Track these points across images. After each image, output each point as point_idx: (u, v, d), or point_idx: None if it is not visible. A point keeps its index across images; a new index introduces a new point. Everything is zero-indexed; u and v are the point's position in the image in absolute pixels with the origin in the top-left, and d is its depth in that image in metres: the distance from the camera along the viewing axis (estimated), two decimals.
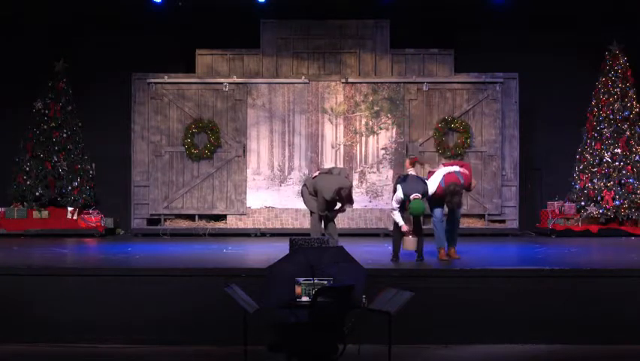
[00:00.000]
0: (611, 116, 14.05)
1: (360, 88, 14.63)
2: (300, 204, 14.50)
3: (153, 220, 14.79)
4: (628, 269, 8.78)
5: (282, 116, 14.63)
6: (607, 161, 13.98)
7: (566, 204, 14.24)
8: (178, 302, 8.36)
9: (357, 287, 6.21)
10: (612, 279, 8.47)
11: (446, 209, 9.74)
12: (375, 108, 14.58)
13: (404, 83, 14.60)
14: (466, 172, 9.72)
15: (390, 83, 14.61)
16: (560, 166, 14.80)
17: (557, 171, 14.91)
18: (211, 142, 14.57)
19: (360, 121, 14.62)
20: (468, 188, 9.85)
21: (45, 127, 14.55)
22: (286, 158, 14.62)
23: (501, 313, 8.26)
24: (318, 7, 14.57)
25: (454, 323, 8.20)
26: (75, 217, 14.46)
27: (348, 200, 10.14)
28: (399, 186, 9.34)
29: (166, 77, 14.65)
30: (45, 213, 14.40)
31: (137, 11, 14.44)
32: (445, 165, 9.99)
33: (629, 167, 13.94)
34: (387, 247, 11.89)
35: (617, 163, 13.95)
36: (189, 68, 14.88)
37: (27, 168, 14.45)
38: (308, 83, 14.62)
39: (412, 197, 9.18)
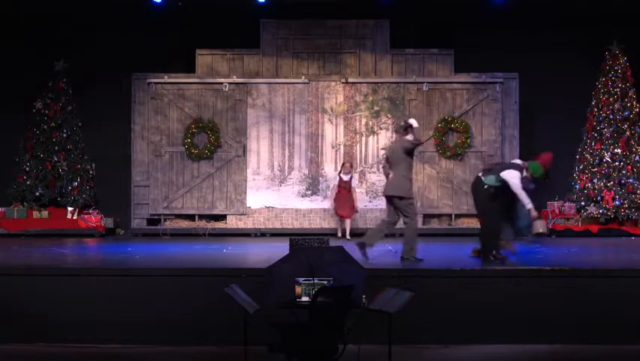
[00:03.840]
0: (611, 116, 14.05)
1: (360, 88, 14.63)
2: (300, 204, 14.57)
3: (153, 220, 14.79)
4: (628, 269, 8.78)
5: (282, 116, 14.64)
6: (607, 161, 13.98)
7: (566, 204, 14.24)
8: (178, 302, 8.35)
9: (357, 287, 6.21)
10: (612, 279, 8.47)
11: None
12: (375, 108, 14.58)
13: (404, 83, 14.60)
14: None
15: (390, 83, 14.61)
16: (560, 166, 14.78)
17: (557, 171, 14.88)
18: (211, 142, 14.56)
19: (360, 121, 14.62)
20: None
21: (45, 127, 14.56)
22: (286, 158, 14.62)
23: (501, 313, 8.25)
24: (318, 7, 14.56)
25: (454, 323, 8.20)
26: (75, 217, 14.46)
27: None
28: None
29: (166, 77, 14.65)
30: (45, 213, 14.40)
31: (137, 11, 14.43)
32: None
33: (629, 167, 13.94)
34: (388, 247, 11.90)
35: (617, 163, 13.95)
36: (189, 68, 14.88)
37: (27, 168, 14.45)
38: (308, 83, 14.62)
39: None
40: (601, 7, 14.21)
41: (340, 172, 13.79)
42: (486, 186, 9.34)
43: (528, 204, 9.21)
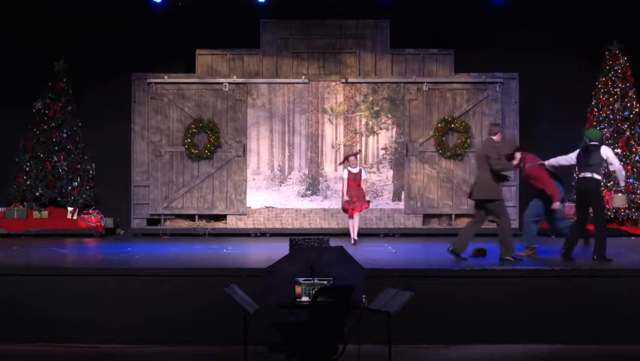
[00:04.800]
0: (611, 116, 14.05)
1: (360, 88, 14.64)
2: (300, 204, 14.56)
3: (153, 220, 14.79)
4: (628, 269, 8.78)
5: (282, 116, 14.64)
6: None
7: (567, 204, 14.20)
8: (178, 302, 8.36)
9: (357, 287, 6.20)
10: (612, 279, 8.48)
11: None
12: (375, 108, 14.58)
13: (404, 83, 14.60)
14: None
15: (390, 83, 14.61)
16: None
17: (557, 171, 14.86)
18: (211, 142, 14.56)
19: (360, 121, 14.62)
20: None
21: (45, 127, 14.56)
22: (286, 158, 14.62)
23: (501, 313, 8.26)
24: (318, 7, 14.57)
25: (454, 323, 8.20)
26: (75, 217, 14.47)
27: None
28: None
29: (166, 77, 14.65)
30: (45, 213, 14.40)
31: (137, 11, 14.43)
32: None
33: (629, 167, 13.93)
34: (388, 247, 11.91)
35: None
36: (189, 68, 14.88)
37: (27, 168, 14.45)
38: (308, 83, 14.62)
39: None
40: (601, 7, 14.20)
41: (348, 166, 12.52)
42: (602, 188, 9.60)
43: (623, 180, 9.86)
